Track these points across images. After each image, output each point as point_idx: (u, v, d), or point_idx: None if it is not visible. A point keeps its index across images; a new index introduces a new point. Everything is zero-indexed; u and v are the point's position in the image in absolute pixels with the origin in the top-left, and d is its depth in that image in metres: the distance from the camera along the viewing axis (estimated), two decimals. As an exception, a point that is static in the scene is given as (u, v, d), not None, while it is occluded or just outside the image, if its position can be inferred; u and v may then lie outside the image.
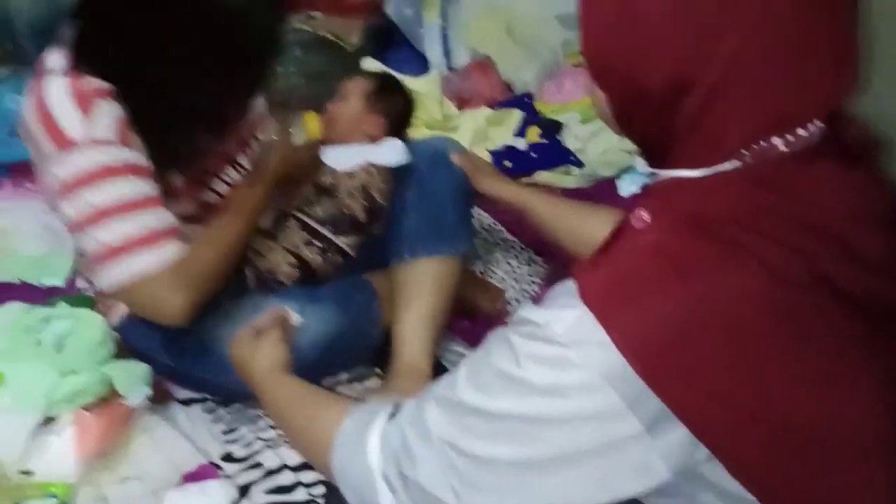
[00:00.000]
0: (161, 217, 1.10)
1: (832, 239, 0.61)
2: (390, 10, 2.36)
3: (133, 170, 1.08)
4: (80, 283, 1.57)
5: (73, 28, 1.08)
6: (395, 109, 1.42)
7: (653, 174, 0.69)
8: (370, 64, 2.16)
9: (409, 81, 2.12)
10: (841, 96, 0.62)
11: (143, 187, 1.09)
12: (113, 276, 1.08)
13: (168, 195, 1.15)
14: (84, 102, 1.05)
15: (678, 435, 0.61)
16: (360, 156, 1.34)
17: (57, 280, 1.57)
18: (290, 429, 0.93)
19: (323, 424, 0.82)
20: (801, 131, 0.61)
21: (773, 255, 0.60)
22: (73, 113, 1.04)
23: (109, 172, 1.06)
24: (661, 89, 0.62)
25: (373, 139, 1.38)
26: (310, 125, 1.34)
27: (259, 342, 1.07)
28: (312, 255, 1.28)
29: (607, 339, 0.60)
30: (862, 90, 0.63)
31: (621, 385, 0.60)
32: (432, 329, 1.33)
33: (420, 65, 2.32)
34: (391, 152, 1.35)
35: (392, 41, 2.41)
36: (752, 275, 0.59)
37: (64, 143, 1.04)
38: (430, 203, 1.35)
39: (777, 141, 0.61)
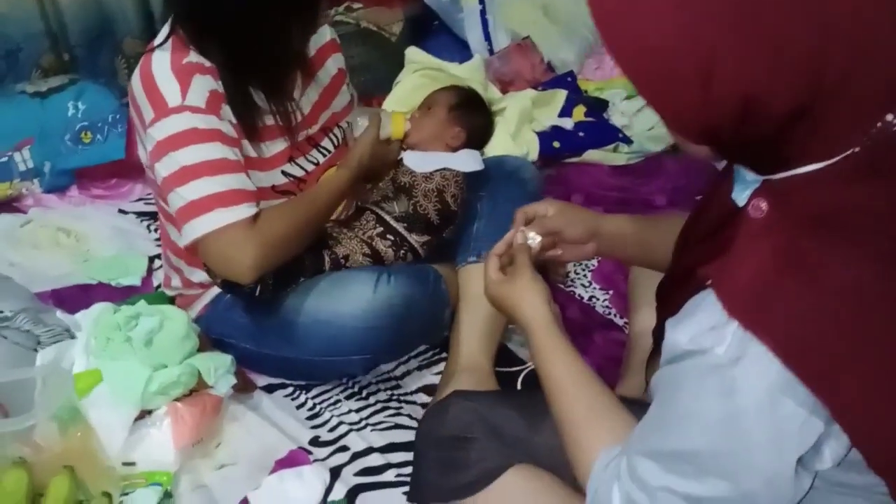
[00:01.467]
0: (241, 180, 1.18)
1: None
2: (428, -3, 2.37)
3: (219, 136, 1.17)
4: (155, 281, 1.63)
5: (172, 8, 1.20)
6: (475, 123, 1.48)
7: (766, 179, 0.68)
8: (414, 53, 2.18)
9: (451, 68, 2.15)
10: None
11: (227, 152, 1.17)
12: (191, 230, 1.15)
13: (258, 166, 1.24)
14: (182, 75, 1.16)
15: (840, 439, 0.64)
16: (438, 161, 1.40)
17: (133, 279, 1.63)
18: (561, 412, 0.88)
19: (584, 446, 0.83)
20: None
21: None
22: (172, 83, 1.15)
23: (197, 136, 1.15)
24: (778, 118, 0.60)
25: (452, 149, 1.45)
26: (396, 125, 1.39)
27: (519, 281, 0.97)
28: (385, 248, 1.33)
29: (767, 350, 0.62)
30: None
31: (793, 392, 0.62)
32: (491, 327, 1.37)
33: (461, 50, 2.33)
34: (467, 160, 1.42)
35: (431, 29, 2.42)
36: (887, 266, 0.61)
37: (162, 109, 1.15)
38: (502, 212, 1.39)
39: (890, 117, 0.60)
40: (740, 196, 0.70)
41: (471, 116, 1.48)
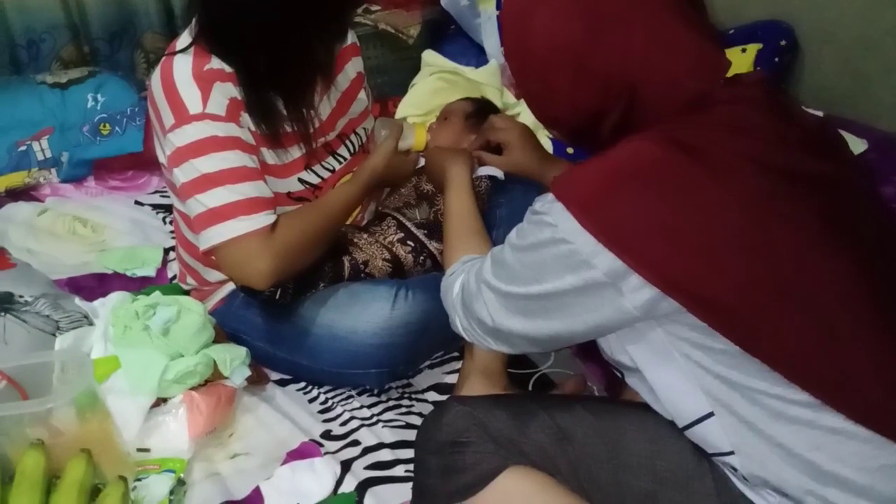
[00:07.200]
0: (259, 188, 1.19)
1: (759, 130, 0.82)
2: (446, 1, 2.38)
3: (238, 144, 1.18)
4: (170, 273, 1.64)
5: (197, 13, 1.19)
6: None
7: None
8: (431, 56, 2.19)
9: (468, 73, 2.16)
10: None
11: (246, 160, 1.18)
12: (210, 236, 1.16)
13: (276, 172, 1.25)
14: (203, 82, 1.16)
15: (642, 289, 0.78)
16: None
17: (148, 271, 1.64)
18: (445, 233, 1.21)
19: (453, 253, 1.13)
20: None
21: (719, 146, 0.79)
22: (193, 90, 1.15)
23: (217, 144, 1.16)
24: (592, 120, 0.86)
25: None
26: (419, 136, 1.40)
27: (461, 152, 1.36)
28: (405, 254, 1.34)
29: (563, 205, 0.81)
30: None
31: (579, 239, 0.79)
32: None
33: (477, 55, 2.34)
34: (487, 167, 1.42)
35: (448, 32, 2.44)
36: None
37: (183, 116, 1.15)
38: (520, 221, 1.41)
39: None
40: None
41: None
